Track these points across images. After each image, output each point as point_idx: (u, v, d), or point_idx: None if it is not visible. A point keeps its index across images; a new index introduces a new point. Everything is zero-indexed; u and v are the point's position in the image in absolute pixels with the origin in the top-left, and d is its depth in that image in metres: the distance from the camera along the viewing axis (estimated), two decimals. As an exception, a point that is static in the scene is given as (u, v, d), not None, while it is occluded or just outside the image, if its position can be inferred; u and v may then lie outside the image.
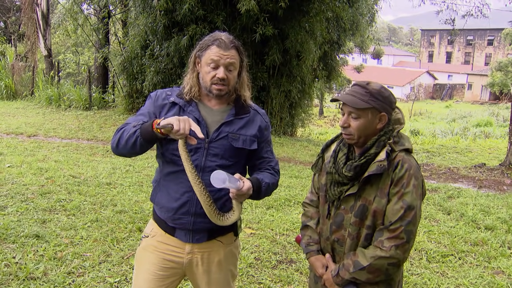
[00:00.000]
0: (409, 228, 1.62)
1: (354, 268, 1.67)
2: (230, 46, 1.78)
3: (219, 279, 1.94)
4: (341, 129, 1.73)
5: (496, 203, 5.35)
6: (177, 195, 1.82)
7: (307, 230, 1.94)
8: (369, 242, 1.70)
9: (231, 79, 1.80)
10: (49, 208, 4.35)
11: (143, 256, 1.93)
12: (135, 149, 1.72)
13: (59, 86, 13.64)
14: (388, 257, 1.61)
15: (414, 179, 1.64)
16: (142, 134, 1.68)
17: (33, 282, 2.96)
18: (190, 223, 1.82)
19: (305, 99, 12.32)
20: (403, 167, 1.64)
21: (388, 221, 1.64)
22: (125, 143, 1.72)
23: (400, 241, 1.61)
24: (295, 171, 6.66)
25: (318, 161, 1.92)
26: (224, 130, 1.82)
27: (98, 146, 7.71)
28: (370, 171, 1.65)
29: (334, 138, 1.91)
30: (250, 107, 1.91)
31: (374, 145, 1.69)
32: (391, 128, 1.71)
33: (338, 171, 1.75)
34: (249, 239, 3.93)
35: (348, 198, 1.73)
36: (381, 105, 1.66)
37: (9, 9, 23.69)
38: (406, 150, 1.70)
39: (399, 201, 1.63)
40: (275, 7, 8.62)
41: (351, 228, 1.72)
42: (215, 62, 1.76)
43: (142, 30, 10.19)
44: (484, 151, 10.82)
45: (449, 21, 13.15)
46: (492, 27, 45.88)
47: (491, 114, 27.19)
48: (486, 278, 3.42)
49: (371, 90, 1.66)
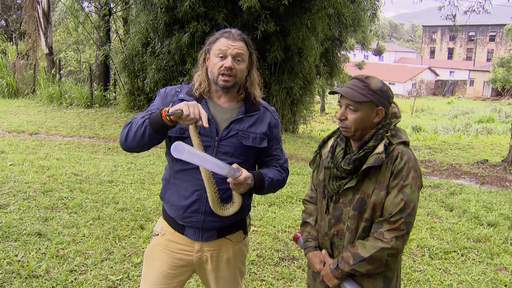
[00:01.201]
0: (409, 220, 1.65)
1: (354, 260, 1.68)
2: (238, 38, 1.79)
3: (227, 277, 1.95)
4: (338, 122, 1.75)
5: (498, 199, 5.34)
6: (187, 194, 1.81)
7: (306, 227, 1.95)
8: (366, 234, 1.72)
9: (239, 70, 1.79)
10: (51, 206, 4.36)
11: (153, 254, 1.94)
12: (143, 140, 1.68)
13: (61, 84, 13.64)
14: (389, 248, 1.64)
15: (413, 171, 1.66)
16: (151, 123, 1.65)
17: (35, 280, 2.96)
18: (199, 222, 1.82)
19: (307, 96, 12.30)
20: (402, 159, 1.66)
21: (388, 213, 1.66)
22: (134, 135, 1.69)
23: (400, 232, 1.64)
24: (297, 168, 6.65)
25: (316, 158, 1.93)
26: (234, 128, 1.81)
27: (99, 144, 7.71)
28: (369, 163, 1.66)
29: (331, 134, 1.92)
30: (260, 105, 1.90)
31: (372, 138, 1.70)
32: (388, 122, 1.73)
33: (336, 166, 1.75)
34: (251, 236, 3.93)
35: (346, 192, 1.74)
36: (379, 99, 1.68)
37: (10, 7, 23.68)
38: (404, 143, 1.72)
39: (399, 194, 1.64)
40: (276, 4, 8.59)
41: (349, 222, 1.74)
42: (223, 52, 1.76)
43: (143, 28, 10.16)
44: (486, 147, 10.80)
45: (450, 17, 13.09)
46: (494, 22, 45.72)
47: (493, 110, 27.11)
48: (489, 274, 3.41)
49: (369, 84, 1.67)
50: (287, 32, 9.45)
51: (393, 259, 1.68)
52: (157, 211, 4.33)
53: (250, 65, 1.86)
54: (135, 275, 3.13)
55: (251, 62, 1.86)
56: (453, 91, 45.63)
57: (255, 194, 1.85)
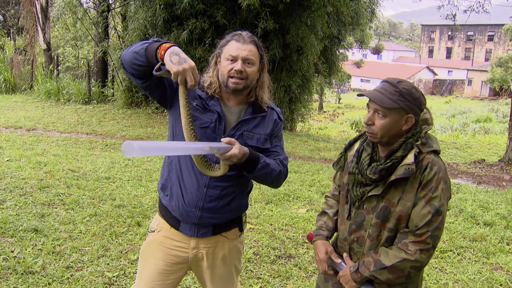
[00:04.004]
0: (436, 233, 1.58)
1: (375, 266, 1.63)
2: (249, 41, 1.78)
3: (223, 274, 1.95)
4: (365, 126, 1.67)
5: (495, 199, 5.35)
6: (187, 188, 1.82)
7: (324, 216, 1.92)
8: (390, 244, 1.66)
9: (249, 73, 1.77)
10: (47, 202, 4.35)
11: (149, 250, 1.94)
12: (134, 57, 1.68)
13: (58, 80, 13.61)
14: (413, 261, 1.58)
15: (442, 182, 1.60)
16: (148, 49, 1.65)
17: (31, 276, 2.95)
18: (196, 217, 1.82)
19: (305, 94, 12.30)
20: (432, 170, 1.59)
21: (414, 225, 1.59)
22: (132, 50, 1.70)
23: (425, 245, 1.58)
24: (294, 166, 6.65)
25: (340, 159, 1.87)
26: (241, 128, 1.82)
27: (97, 140, 7.70)
28: (398, 174, 1.59)
29: (358, 137, 1.85)
30: (267, 106, 1.90)
31: (401, 148, 1.62)
32: (419, 130, 1.65)
33: (361, 172, 1.69)
34: (248, 234, 3.93)
35: (370, 199, 1.69)
36: (410, 106, 1.59)
37: (8, 2, 23.56)
38: (434, 152, 1.64)
39: (426, 205, 1.58)
40: (275, 2, 8.58)
41: (371, 229, 1.69)
42: (233, 56, 1.75)
43: (142, 24, 10.14)
44: (484, 147, 10.82)
45: (450, 17, 13.09)
46: (492, 22, 45.76)
47: (491, 110, 27.18)
48: (485, 273, 3.42)
49: (401, 90, 1.59)
50: (286, 30, 9.44)
51: (416, 271, 1.63)
52: (154, 208, 4.32)
53: (262, 68, 1.84)
54: (132, 272, 3.12)
55: (262, 65, 1.84)
56: (451, 91, 45.70)
57: (247, 175, 1.79)
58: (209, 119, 1.79)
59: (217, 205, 1.82)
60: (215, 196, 1.81)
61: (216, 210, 1.82)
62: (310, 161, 7.48)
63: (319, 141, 10.08)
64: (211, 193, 1.81)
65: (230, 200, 1.83)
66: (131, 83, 11.75)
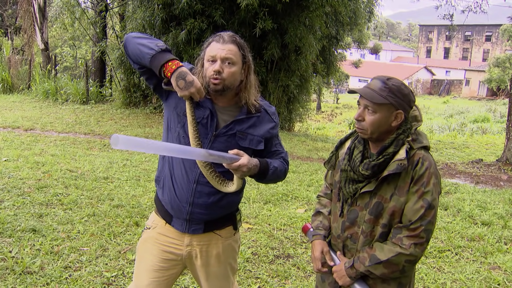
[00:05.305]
0: (429, 227, 1.62)
1: (371, 261, 1.65)
2: (229, 40, 1.76)
3: (217, 273, 1.96)
4: (356, 123, 1.71)
5: (493, 199, 5.37)
6: (178, 182, 1.83)
7: (319, 216, 1.94)
8: (383, 239, 1.69)
9: (229, 73, 1.75)
10: (45, 202, 4.34)
11: (144, 247, 1.96)
12: (139, 56, 1.74)
13: (56, 80, 13.57)
14: (408, 255, 1.61)
15: (434, 177, 1.63)
16: (153, 60, 1.70)
17: (29, 277, 2.95)
18: (187, 212, 1.82)
19: (303, 94, 12.31)
20: (423, 165, 1.62)
21: (408, 220, 1.63)
22: (138, 45, 1.75)
23: (419, 240, 1.61)
24: (292, 166, 6.65)
25: (331, 158, 1.90)
26: (234, 127, 1.82)
27: (95, 140, 7.69)
28: (390, 170, 1.62)
29: (349, 135, 1.87)
30: (261, 106, 1.90)
31: (392, 144, 1.66)
32: (409, 126, 1.69)
33: (353, 169, 1.72)
34: (246, 234, 3.94)
35: (363, 195, 1.71)
36: (399, 102, 1.63)
37: (6, 1, 23.49)
38: (424, 148, 1.68)
39: (419, 200, 1.61)
40: (274, 2, 8.58)
41: (364, 226, 1.71)
42: (212, 56, 1.75)
43: (140, 24, 10.12)
44: (481, 147, 10.86)
45: (447, 17, 13.12)
46: (490, 22, 45.83)
47: (489, 110, 27.25)
48: (483, 273, 3.43)
49: (390, 86, 1.63)
50: (285, 30, 9.44)
51: (410, 265, 1.66)
52: (152, 208, 4.31)
53: (247, 69, 1.83)
54: (130, 272, 3.12)
55: (247, 66, 1.83)
56: (449, 91, 45.77)
57: (258, 181, 1.88)
58: (201, 115, 1.79)
59: (207, 201, 1.82)
60: (205, 192, 1.81)
61: (206, 206, 1.82)
62: (308, 161, 7.49)
63: (317, 141, 10.10)
64: (200, 188, 1.81)
65: (221, 197, 1.83)
66: (129, 83, 11.74)
